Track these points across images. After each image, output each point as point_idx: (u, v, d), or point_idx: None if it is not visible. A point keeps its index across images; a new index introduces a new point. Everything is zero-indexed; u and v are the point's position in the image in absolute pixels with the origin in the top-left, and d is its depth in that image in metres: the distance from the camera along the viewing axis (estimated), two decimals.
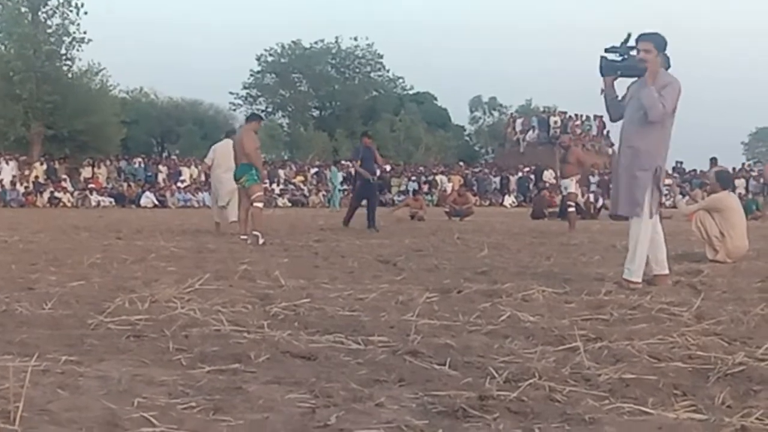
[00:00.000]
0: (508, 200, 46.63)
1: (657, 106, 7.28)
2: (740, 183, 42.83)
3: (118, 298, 6.02)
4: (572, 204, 18.16)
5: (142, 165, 44.31)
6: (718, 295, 6.95)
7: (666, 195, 29.52)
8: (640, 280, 7.43)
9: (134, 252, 10.55)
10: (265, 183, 31.82)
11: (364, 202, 18.13)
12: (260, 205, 13.19)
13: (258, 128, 14.03)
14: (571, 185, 17.83)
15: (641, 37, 7.50)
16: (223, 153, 15.70)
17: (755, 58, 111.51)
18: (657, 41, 7.48)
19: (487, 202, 46.20)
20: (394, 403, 3.46)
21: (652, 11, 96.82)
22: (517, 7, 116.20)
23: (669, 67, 7.64)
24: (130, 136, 50.28)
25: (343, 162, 39.77)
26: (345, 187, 37.08)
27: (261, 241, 12.33)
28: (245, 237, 12.89)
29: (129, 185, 40.87)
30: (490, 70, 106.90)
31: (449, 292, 6.87)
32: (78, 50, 42.88)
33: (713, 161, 28.65)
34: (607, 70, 7.62)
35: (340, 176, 36.42)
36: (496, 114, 73.83)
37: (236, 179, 13.38)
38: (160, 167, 44.75)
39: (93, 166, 42.16)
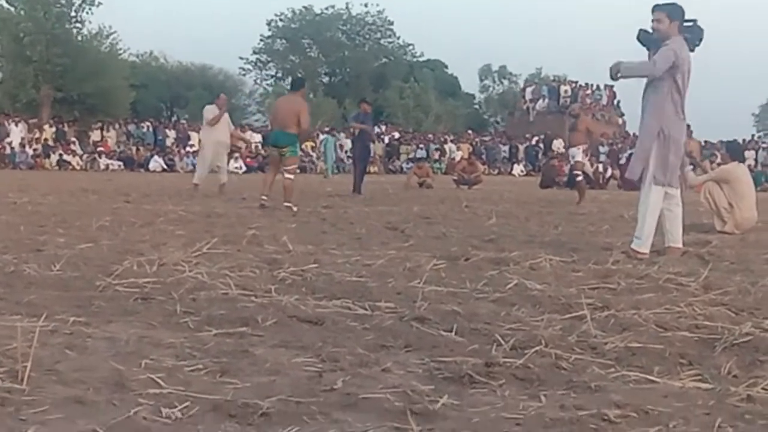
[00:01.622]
0: (517, 169, 46.52)
1: (648, 65, 7.40)
2: (750, 155, 42.70)
3: (126, 261, 6.03)
4: (579, 173, 17.79)
5: (151, 129, 44.22)
6: (726, 265, 6.94)
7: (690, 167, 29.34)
8: (647, 251, 7.42)
9: (143, 215, 10.56)
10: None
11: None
12: (292, 177, 13.04)
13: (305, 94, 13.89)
14: (579, 154, 17.46)
15: (654, 8, 7.49)
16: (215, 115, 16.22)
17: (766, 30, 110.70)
18: (670, 10, 7.45)
19: (496, 171, 46.11)
20: (401, 369, 3.47)
21: None
22: None
23: (691, 39, 7.56)
24: (139, 99, 50.26)
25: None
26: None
27: (295, 209, 12.26)
28: (266, 198, 12.82)
29: (138, 149, 40.83)
30: (501, 39, 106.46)
31: (456, 260, 6.87)
32: (88, 13, 42.91)
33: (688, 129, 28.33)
34: (645, 41, 7.63)
35: (333, 144, 36.24)
36: (506, 83, 73.53)
37: (278, 146, 13.13)
38: (169, 131, 44.67)
39: (102, 130, 42.14)
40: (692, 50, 7.57)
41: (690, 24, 7.54)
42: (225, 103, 16.93)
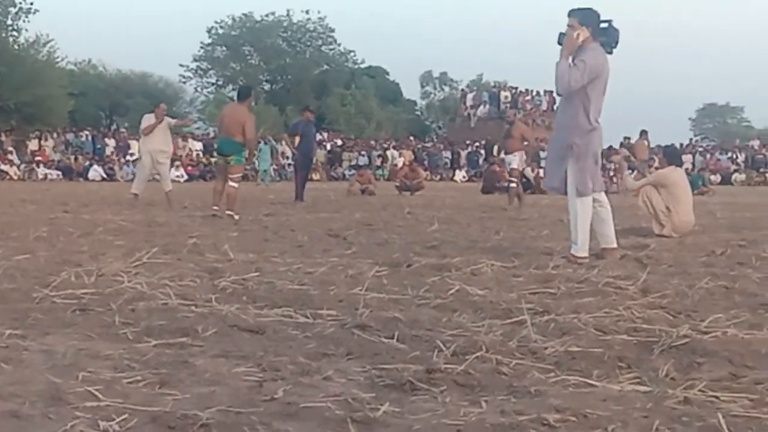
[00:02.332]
0: (459, 175, 46.72)
1: (563, 78, 7.40)
2: (687, 159, 43.36)
3: (64, 272, 5.95)
4: (515, 180, 17.51)
5: (90, 138, 43.69)
6: (664, 269, 7.03)
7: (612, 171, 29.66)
8: (586, 255, 7.49)
9: (81, 225, 10.43)
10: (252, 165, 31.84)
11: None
12: (236, 185, 13.08)
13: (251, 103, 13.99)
14: (515, 161, 17.22)
15: (569, 13, 7.59)
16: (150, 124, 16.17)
17: (701, 35, 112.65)
18: (582, 16, 7.53)
19: (438, 177, 46.25)
20: (342, 377, 3.47)
21: None
22: None
23: (606, 42, 7.63)
24: (77, 108, 49.64)
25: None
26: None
27: (236, 217, 12.28)
28: (217, 209, 12.81)
29: (76, 158, 40.27)
30: (442, 45, 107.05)
31: (398, 266, 6.88)
32: (25, 21, 42.33)
33: (643, 133, 28.70)
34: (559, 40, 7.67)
35: (268, 151, 36.08)
36: (446, 89, 73.88)
37: (224, 154, 13.21)
38: (109, 140, 44.17)
39: (40, 139, 41.49)
40: (610, 53, 7.64)
41: (605, 26, 7.61)
42: (164, 112, 16.82)
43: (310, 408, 3.01)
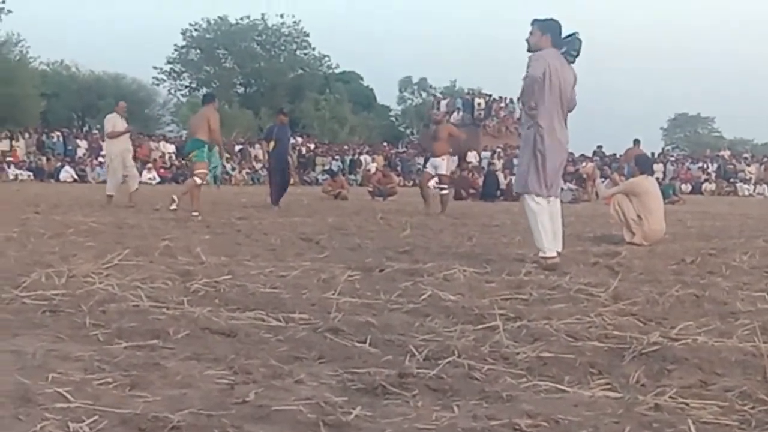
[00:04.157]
0: (432, 181, 46.67)
1: (527, 79, 7.63)
2: (658, 168, 43.66)
3: (34, 273, 5.90)
4: (445, 186, 17.12)
5: (62, 139, 43.46)
6: (635, 276, 7.06)
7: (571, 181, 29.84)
8: (553, 254, 7.59)
9: (52, 227, 10.35)
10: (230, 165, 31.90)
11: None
12: (198, 180, 13.32)
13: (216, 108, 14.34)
14: (443, 165, 16.78)
15: (532, 22, 7.85)
16: (116, 124, 16.34)
17: (673, 46, 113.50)
18: (543, 25, 7.79)
19: (411, 183, 46.23)
20: (314, 380, 3.46)
21: (574, 4, 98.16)
22: None
23: (568, 51, 7.83)
24: (50, 109, 49.44)
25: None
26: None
27: (173, 207, 12.61)
28: (197, 213, 12.87)
29: (48, 159, 40.06)
30: (418, 51, 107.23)
31: (371, 271, 6.88)
32: None
33: (636, 142, 29.00)
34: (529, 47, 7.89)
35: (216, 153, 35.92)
36: (424, 95, 74.07)
37: (186, 154, 13.62)
38: (80, 141, 43.97)
39: (11, 139, 41.24)
40: (572, 62, 7.86)
41: (568, 38, 7.82)
42: (124, 109, 16.81)
43: (282, 411, 3.00)
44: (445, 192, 16.94)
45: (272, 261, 7.41)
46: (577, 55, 7.84)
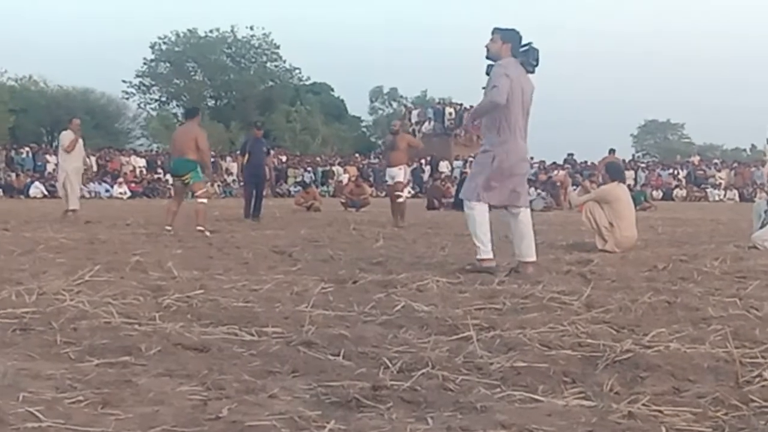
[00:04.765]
0: (405, 191, 46.71)
1: (488, 95, 7.75)
2: (629, 174, 43.91)
3: (4, 291, 5.86)
4: (401, 195, 16.76)
5: (31, 154, 43.15)
6: (607, 284, 7.09)
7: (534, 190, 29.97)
8: (490, 256, 7.80)
9: (22, 243, 10.27)
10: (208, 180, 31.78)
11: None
12: (205, 200, 13.18)
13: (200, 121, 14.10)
14: (399, 174, 16.58)
15: (493, 30, 7.94)
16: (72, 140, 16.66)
17: (644, 52, 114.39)
18: (504, 34, 7.90)
19: (383, 193, 46.21)
20: (287, 394, 3.44)
21: (543, 12, 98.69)
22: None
23: (527, 61, 7.91)
24: (18, 125, 49.12)
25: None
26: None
27: (208, 233, 12.40)
28: (170, 228, 12.78)
29: (17, 175, 39.75)
30: (389, 61, 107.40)
31: (344, 283, 6.87)
32: None
33: (611, 152, 29.31)
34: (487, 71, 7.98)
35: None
36: (395, 105, 74.20)
37: (178, 175, 13.28)
38: (50, 157, 43.58)
39: None
40: (532, 72, 7.96)
41: (526, 48, 7.91)
42: (79, 127, 16.79)
43: (256, 426, 2.99)
44: (401, 201, 16.64)
45: (245, 274, 7.38)
46: (537, 65, 7.92)
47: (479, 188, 7.89)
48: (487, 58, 7.88)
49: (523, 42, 7.88)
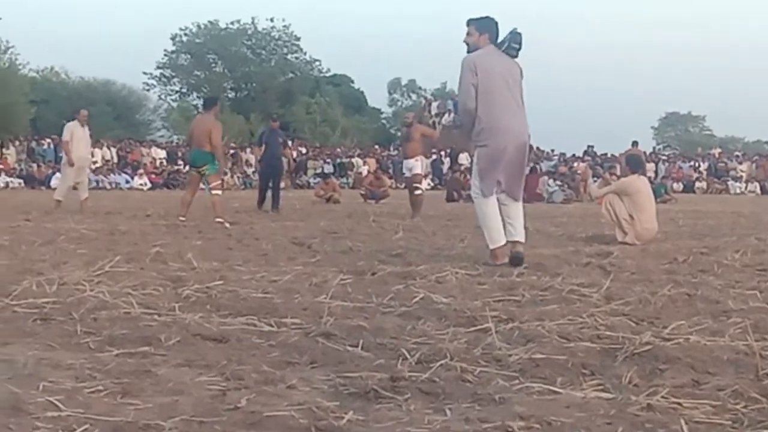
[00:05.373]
0: (424, 183, 46.68)
1: (458, 119, 7.86)
2: (650, 167, 43.70)
3: (25, 281, 5.88)
4: (419, 187, 16.57)
5: (52, 146, 43.33)
6: (627, 276, 7.07)
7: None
8: (496, 246, 7.79)
9: (43, 234, 10.33)
10: (226, 173, 31.90)
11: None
12: (219, 192, 13.34)
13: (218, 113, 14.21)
14: (417, 166, 16.42)
15: (467, 22, 7.92)
16: (75, 133, 16.60)
17: (664, 44, 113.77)
18: (479, 24, 7.87)
19: (403, 185, 46.23)
20: (306, 385, 3.45)
21: (563, 2, 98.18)
22: None
23: (510, 46, 7.86)
24: (39, 116, 49.27)
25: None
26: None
27: (227, 225, 12.54)
28: (184, 218, 12.90)
29: (39, 166, 39.94)
30: (409, 53, 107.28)
31: (363, 274, 6.87)
32: None
33: (634, 144, 29.24)
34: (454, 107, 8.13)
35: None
36: (414, 96, 74.03)
37: (195, 165, 13.44)
38: None
39: (1, 147, 41.16)
40: (515, 56, 7.91)
41: (509, 34, 7.86)
42: (86, 118, 16.87)
43: (274, 417, 2.99)
44: (418, 193, 16.40)
45: (264, 266, 7.40)
46: (520, 49, 7.88)
47: (482, 183, 7.89)
48: (468, 53, 7.84)
49: (508, 29, 7.85)
